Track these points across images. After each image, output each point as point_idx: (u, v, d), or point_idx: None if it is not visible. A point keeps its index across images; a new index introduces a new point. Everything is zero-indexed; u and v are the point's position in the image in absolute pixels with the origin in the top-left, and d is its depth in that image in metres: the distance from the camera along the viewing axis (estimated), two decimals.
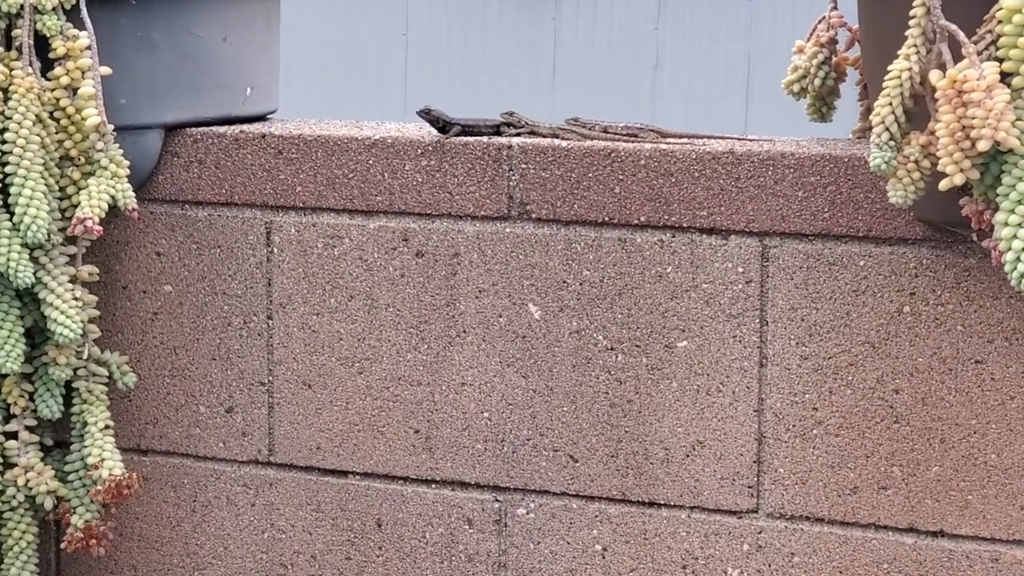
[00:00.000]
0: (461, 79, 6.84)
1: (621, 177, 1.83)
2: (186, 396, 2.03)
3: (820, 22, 1.94)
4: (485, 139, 1.87)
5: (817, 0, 1.96)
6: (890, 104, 1.57)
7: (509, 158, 1.87)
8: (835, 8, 1.93)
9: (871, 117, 1.58)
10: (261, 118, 2.08)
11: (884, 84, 1.56)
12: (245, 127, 1.99)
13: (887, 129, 1.56)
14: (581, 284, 1.86)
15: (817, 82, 1.91)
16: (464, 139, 1.88)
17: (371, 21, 6.92)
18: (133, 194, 1.89)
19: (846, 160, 1.75)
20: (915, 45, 1.56)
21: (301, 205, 1.95)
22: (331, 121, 2.06)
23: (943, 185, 1.52)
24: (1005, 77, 1.49)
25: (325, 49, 6.85)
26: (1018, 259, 1.48)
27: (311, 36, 6.82)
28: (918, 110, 1.56)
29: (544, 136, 1.91)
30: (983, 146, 1.48)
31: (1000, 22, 1.50)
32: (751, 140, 1.86)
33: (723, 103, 6.58)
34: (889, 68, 1.57)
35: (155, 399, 2.05)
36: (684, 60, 6.67)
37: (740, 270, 1.80)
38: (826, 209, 1.76)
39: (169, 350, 2.05)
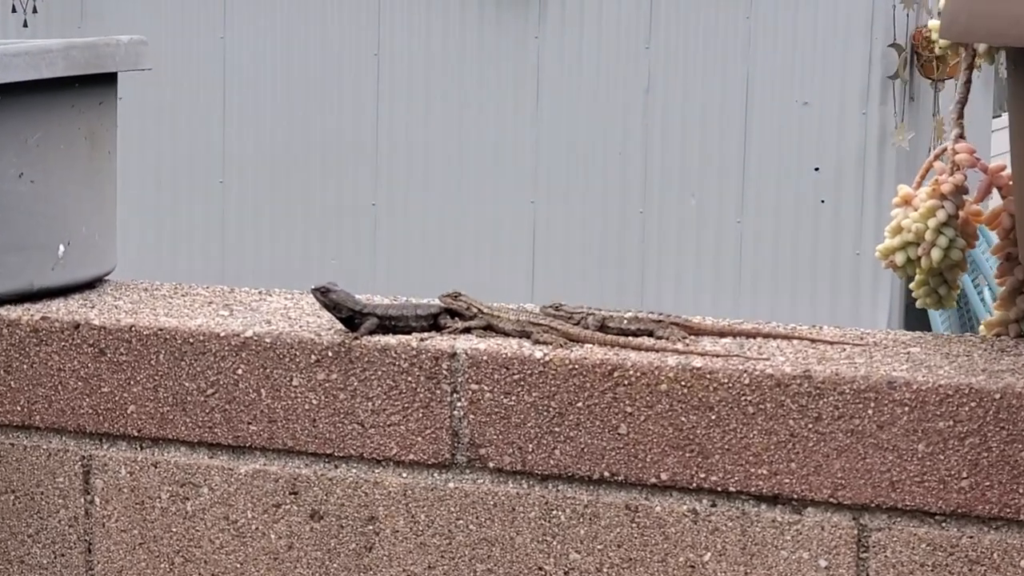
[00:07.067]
0: (440, 104, 6.61)
1: (630, 409, 1.31)
2: None
3: (938, 156, 1.25)
4: (415, 340, 1.37)
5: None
6: None
7: (452, 372, 1.35)
8: (962, 137, 1.25)
9: None
10: (86, 286, 1.57)
11: None
12: (53, 308, 1.53)
13: None
14: (567, 573, 1.34)
15: (936, 254, 1.26)
16: (382, 339, 1.36)
17: (343, 36, 6.67)
18: None
19: (997, 396, 1.25)
20: None
21: (136, 434, 1.47)
22: (189, 289, 1.52)
23: None
24: None
25: (294, 57, 6.62)
26: None
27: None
28: None
29: (508, 334, 1.30)
30: None
31: None
32: (832, 342, 1.27)
33: (720, 127, 6.28)
34: None
35: None
36: (678, 80, 6.44)
37: (822, 563, 1.29)
38: (965, 473, 1.26)
39: None
